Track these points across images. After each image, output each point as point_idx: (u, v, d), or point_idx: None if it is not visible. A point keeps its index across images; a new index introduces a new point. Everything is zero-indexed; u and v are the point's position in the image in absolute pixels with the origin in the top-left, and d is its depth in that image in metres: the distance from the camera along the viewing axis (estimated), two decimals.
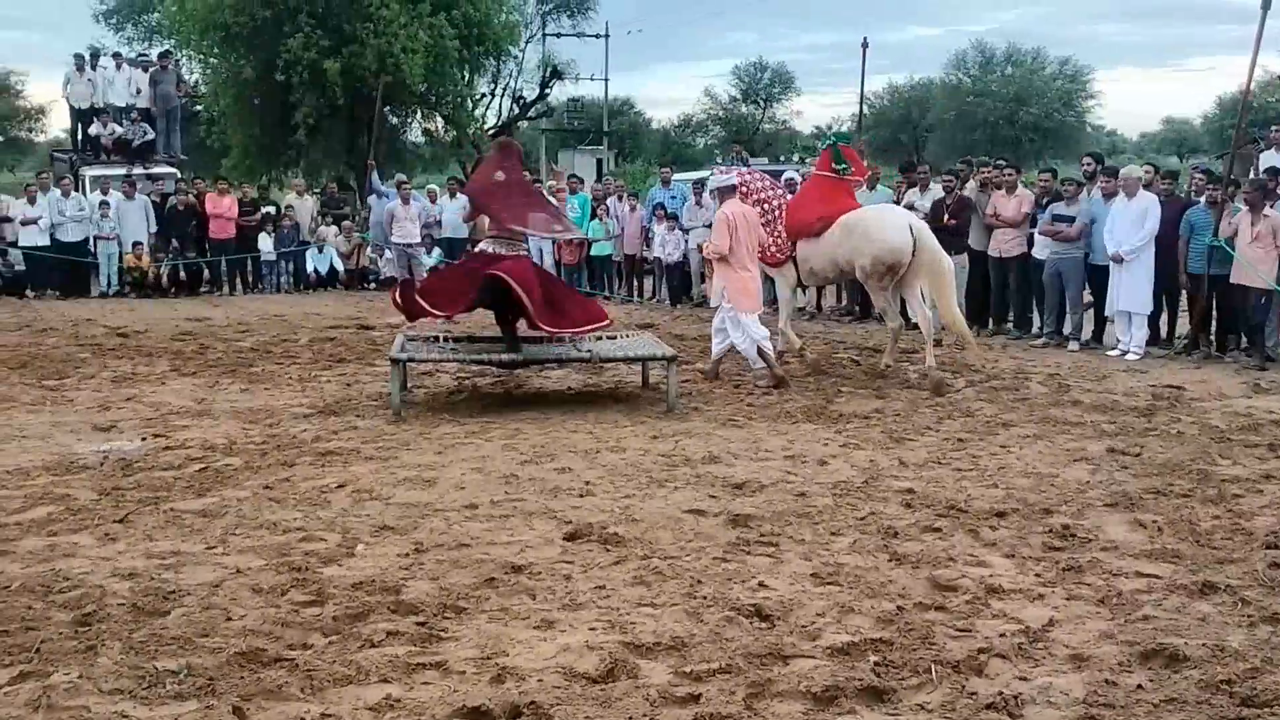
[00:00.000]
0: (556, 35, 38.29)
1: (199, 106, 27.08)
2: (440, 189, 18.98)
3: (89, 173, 19.78)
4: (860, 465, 7.02)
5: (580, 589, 4.83)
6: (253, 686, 3.86)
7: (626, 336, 10.10)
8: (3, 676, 3.94)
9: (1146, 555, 5.32)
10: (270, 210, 18.78)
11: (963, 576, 4.99)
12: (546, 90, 36.36)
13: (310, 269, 18.27)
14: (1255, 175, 11.63)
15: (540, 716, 3.67)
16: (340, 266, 18.42)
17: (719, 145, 51.21)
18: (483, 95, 30.91)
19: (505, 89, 33.80)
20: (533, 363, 9.46)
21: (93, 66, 21.46)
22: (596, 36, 41.04)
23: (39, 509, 6.01)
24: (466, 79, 27.30)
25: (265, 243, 18.06)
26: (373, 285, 18.24)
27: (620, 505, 6.09)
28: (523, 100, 35.30)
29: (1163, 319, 11.81)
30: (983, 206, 12.64)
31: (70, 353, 11.42)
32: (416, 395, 9.38)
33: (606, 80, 44.17)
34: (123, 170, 19.35)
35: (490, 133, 30.32)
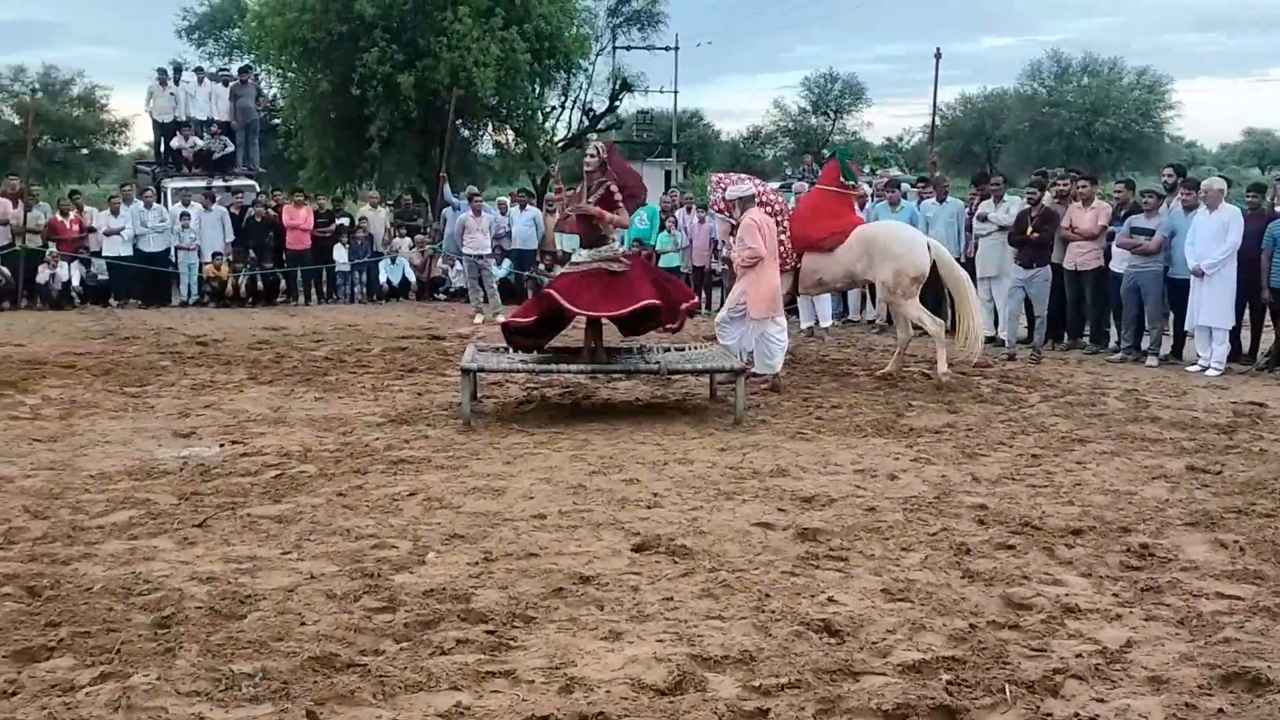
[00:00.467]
0: (626, 48, 38.40)
1: (277, 120, 27.57)
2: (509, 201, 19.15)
3: (171, 185, 20.21)
4: (932, 480, 6.94)
5: (648, 600, 4.83)
6: (326, 691, 3.92)
7: (694, 348, 10.10)
8: (85, 677, 4.03)
9: (1228, 576, 5.19)
10: (345, 222, 19.06)
11: (1037, 595, 4.91)
12: (616, 103, 36.45)
13: (383, 279, 18.51)
14: None
15: None
16: (412, 277, 18.66)
17: (788, 157, 51.01)
18: (553, 108, 31.08)
19: (575, 101, 33.93)
20: (601, 373, 9.50)
21: (175, 81, 21.96)
22: (666, 49, 41.16)
23: (121, 513, 6.16)
24: (537, 92, 27.49)
25: (340, 253, 18.35)
26: (443, 296, 18.45)
27: (688, 517, 6.09)
28: (592, 112, 35.41)
29: (1244, 334, 11.54)
30: (1059, 219, 12.45)
31: (152, 360, 11.68)
32: (486, 405, 9.46)
33: (676, 92, 44.33)
34: (203, 182, 19.77)
35: (560, 145, 30.51)
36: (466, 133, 27.05)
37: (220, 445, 7.88)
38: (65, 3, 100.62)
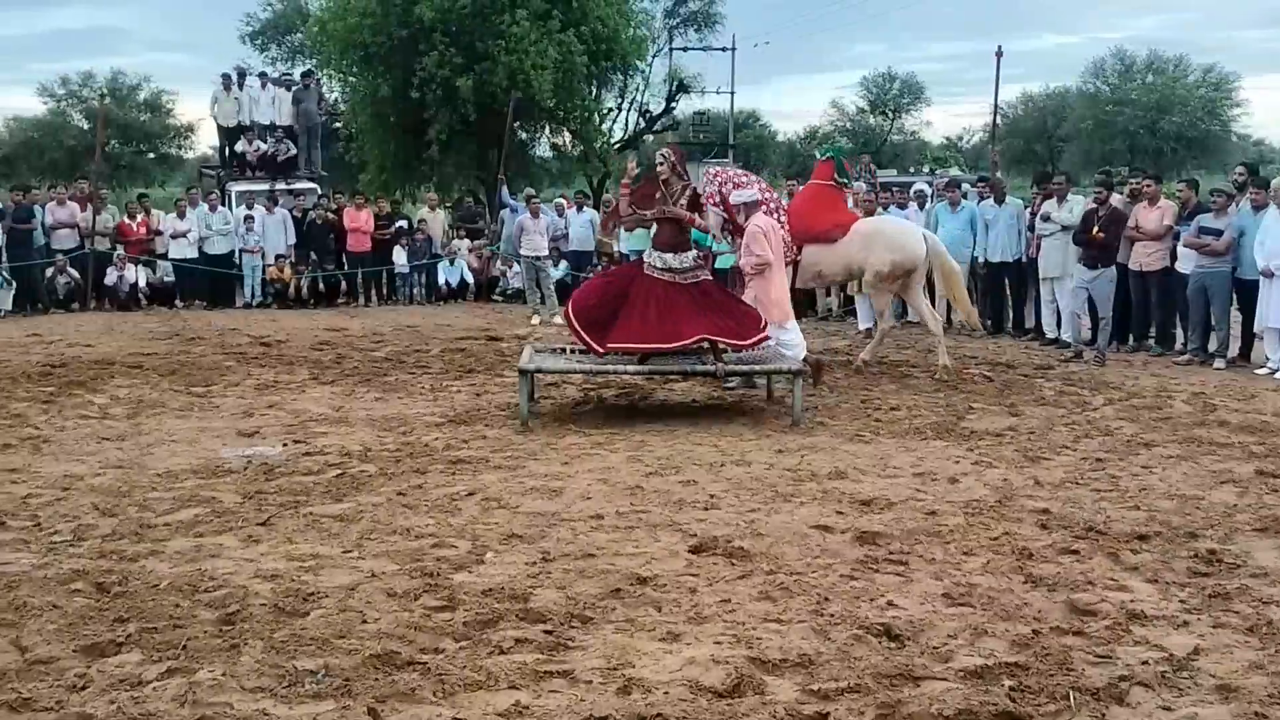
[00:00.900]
0: (683, 49, 38.44)
1: (338, 124, 27.96)
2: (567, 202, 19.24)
3: (235, 188, 20.50)
4: (993, 484, 6.85)
5: (705, 602, 4.82)
6: (387, 688, 3.96)
7: (752, 350, 10.05)
8: (152, 672, 4.11)
9: None
10: (404, 224, 19.24)
11: (1102, 601, 4.83)
12: (673, 104, 36.45)
13: (442, 281, 18.67)
14: None
15: None
16: (471, 279, 18.80)
17: (846, 156, 50.60)
18: (610, 110, 31.15)
19: (632, 103, 33.99)
20: (658, 374, 9.50)
21: (239, 86, 22.27)
22: (723, 50, 41.09)
23: (187, 511, 6.27)
24: (594, 94, 27.61)
25: (399, 255, 18.52)
26: (500, 298, 18.56)
27: (745, 519, 6.07)
28: (649, 114, 35.42)
29: None
30: (1126, 219, 12.24)
31: (216, 361, 11.88)
32: (543, 406, 9.50)
33: (733, 93, 44.26)
34: (266, 185, 20.05)
35: (617, 147, 30.58)
36: (524, 135, 27.23)
37: (283, 445, 7.99)
38: (132, 10, 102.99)
